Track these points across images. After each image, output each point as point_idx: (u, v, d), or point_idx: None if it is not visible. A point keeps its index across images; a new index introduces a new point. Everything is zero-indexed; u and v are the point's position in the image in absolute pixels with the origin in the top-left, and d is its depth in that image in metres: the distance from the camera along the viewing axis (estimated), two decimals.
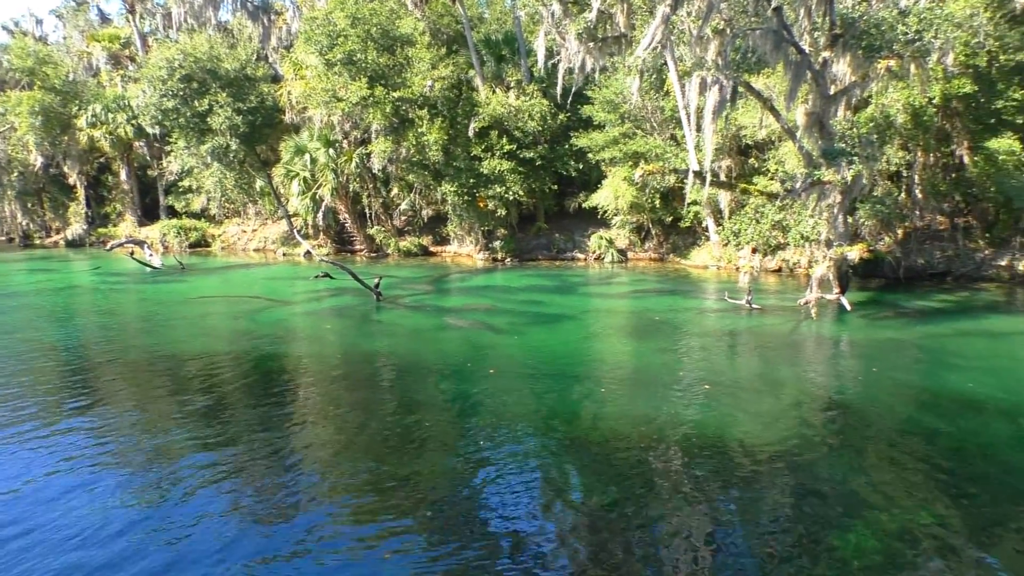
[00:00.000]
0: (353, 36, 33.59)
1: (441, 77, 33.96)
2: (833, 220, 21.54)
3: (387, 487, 8.88)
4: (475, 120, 33.99)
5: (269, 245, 43.27)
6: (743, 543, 7.57)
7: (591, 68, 23.71)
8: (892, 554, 7.28)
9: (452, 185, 34.32)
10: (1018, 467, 9.63)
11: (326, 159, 36.38)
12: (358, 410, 12.20)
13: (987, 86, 26.12)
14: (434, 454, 10.10)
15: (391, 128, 34.16)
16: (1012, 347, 17.17)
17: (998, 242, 27.90)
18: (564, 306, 22.95)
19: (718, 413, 11.90)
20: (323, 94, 34.38)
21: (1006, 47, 25.96)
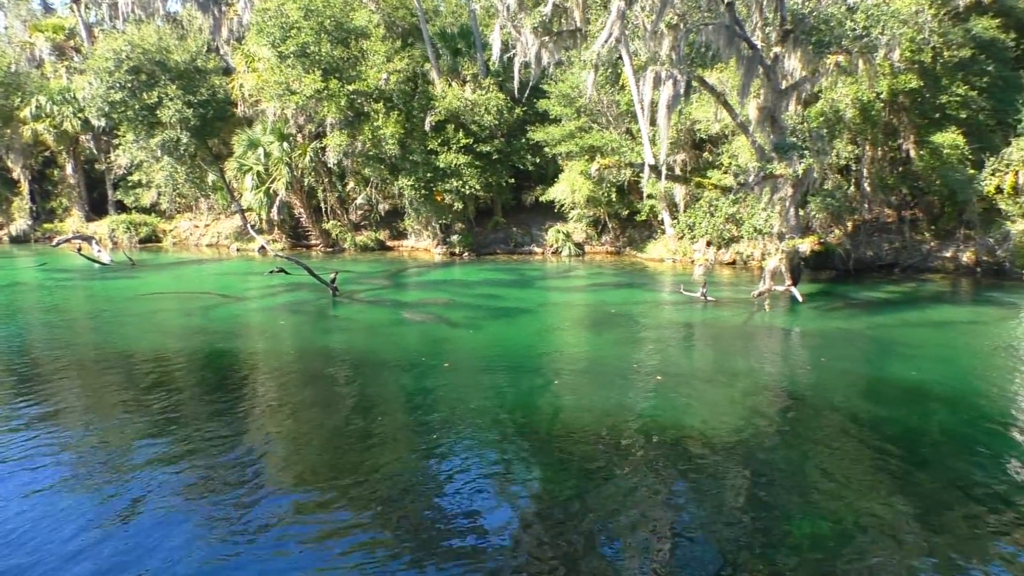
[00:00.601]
0: (306, 28, 33.14)
1: (397, 70, 33.69)
2: (785, 213, 21.92)
3: (344, 482, 8.82)
4: (431, 114, 33.82)
5: (222, 240, 42.56)
6: (700, 532, 7.68)
7: (547, 62, 23.75)
8: (845, 539, 7.45)
9: (409, 179, 34.12)
10: (960, 452, 9.93)
11: (280, 153, 35.90)
12: (314, 406, 12.09)
13: (932, 82, 26.79)
14: (392, 449, 10.05)
15: (346, 122, 33.82)
16: (954, 336, 17.66)
17: (943, 234, 28.66)
18: (522, 300, 23.00)
19: (674, 404, 12.05)
20: (276, 87, 33.87)
21: (950, 43, 26.66)
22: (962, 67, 27.34)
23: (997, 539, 7.51)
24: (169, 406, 11.96)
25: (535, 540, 7.54)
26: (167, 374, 14.02)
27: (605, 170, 26.29)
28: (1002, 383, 13.45)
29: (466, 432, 10.66)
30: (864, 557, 7.14)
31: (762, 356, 16.34)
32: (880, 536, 7.51)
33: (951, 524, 7.84)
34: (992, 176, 27.83)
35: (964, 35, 27.42)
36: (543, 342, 17.49)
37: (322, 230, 38.70)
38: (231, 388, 13.46)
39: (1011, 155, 27.91)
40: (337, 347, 16.92)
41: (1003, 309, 20.89)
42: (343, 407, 12.03)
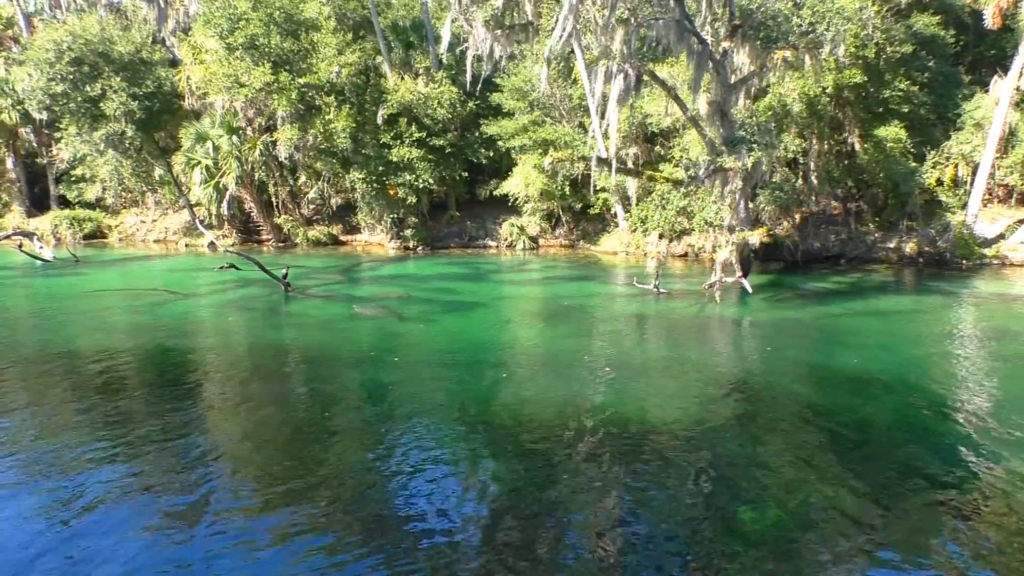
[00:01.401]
0: (255, 20, 32.59)
1: (348, 63, 33.34)
2: (735, 206, 22.26)
3: (298, 481, 8.73)
4: (384, 107, 33.55)
5: (170, 236, 41.67)
6: (654, 522, 7.78)
7: (499, 56, 23.72)
8: (798, 525, 7.62)
9: (361, 173, 33.83)
10: (904, 437, 10.24)
11: (229, 147, 35.23)
12: (267, 404, 11.94)
13: (875, 77, 27.46)
14: (348, 446, 9.98)
15: (297, 115, 33.37)
16: (898, 325, 18.17)
17: (887, 225, 29.43)
18: (476, 293, 23.00)
19: (628, 395, 12.19)
20: (225, 79, 33.24)
21: (892, 40, 27.33)
22: (904, 63, 28.08)
23: (945, 519, 7.75)
24: (117, 406, 11.70)
25: (494, 532, 7.57)
26: (115, 373, 13.71)
27: (558, 164, 26.49)
28: (943, 369, 13.88)
29: (423, 427, 10.64)
30: (817, 541, 7.31)
31: (714, 347, 16.61)
32: (832, 520, 7.70)
33: (900, 506, 8.07)
34: (933, 169, 28.69)
35: (906, 32, 28.15)
36: (498, 335, 17.52)
37: (273, 225, 38.16)
38: (181, 387, 13.22)
39: (951, 149, 28.80)
40: (290, 343, 16.73)
41: (944, 297, 21.55)
42: (297, 404, 11.90)
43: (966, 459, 9.36)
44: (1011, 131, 28.03)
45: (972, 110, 28.96)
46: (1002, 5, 26.49)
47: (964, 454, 9.53)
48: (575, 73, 31.20)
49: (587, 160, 26.29)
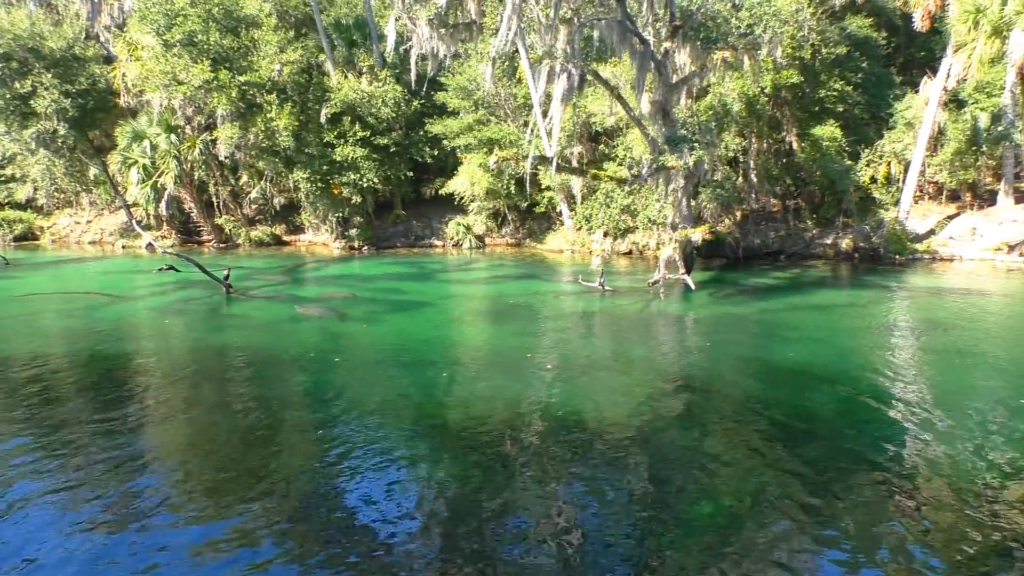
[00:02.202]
0: (193, 16, 31.92)
1: (290, 61, 32.87)
2: (678, 204, 22.62)
3: (241, 486, 8.58)
4: (327, 106, 33.19)
5: (107, 237, 40.54)
6: (604, 518, 7.86)
7: (444, 55, 23.67)
8: (742, 516, 7.78)
9: (304, 172, 33.40)
10: (843, 427, 10.52)
11: (168, 145, 34.45)
12: (208, 408, 11.71)
13: (812, 77, 28.19)
14: (292, 449, 9.85)
15: (238, 113, 32.78)
16: (835, 318, 18.67)
17: (824, 222, 30.24)
18: (423, 293, 22.92)
19: (575, 392, 12.28)
20: (162, 77, 32.48)
21: (827, 41, 28.09)
22: (839, 63, 28.90)
23: (884, 503, 7.99)
24: (50, 414, 11.33)
25: (444, 534, 7.54)
26: (47, 380, 13.28)
27: (504, 163, 26.47)
28: (878, 360, 14.30)
29: (369, 428, 10.55)
30: (765, 530, 7.48)
31: (658, 343, 16.85)
32: (778, 509, 7.89)
33: (842, 492, 8.29)
34: (867, 167, 29.60)
35: (840, 33, 28.98)
36: (445, 335, 17.49)
37: (214, 225, 37.43)
38: (118, 392, 12.87)
39: (884, 147, 29.74)
40: (232, 345, 16.41)
41: (878, 291, 22.22)
42: (240, 407, 11.69)
43: (902, 446, 9.69)
44: (940, 130, 29.05)
45: (903, 110, 29.93)
46: (930, 8, 27.44)
47: (900, 441, 9.86)
48: (520, 72, 31.34)
49: (531, 159, 26.42)
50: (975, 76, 26.62)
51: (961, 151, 28.71)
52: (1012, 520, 7.53)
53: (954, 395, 11.97)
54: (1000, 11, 23.94)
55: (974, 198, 30.61)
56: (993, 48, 24.66)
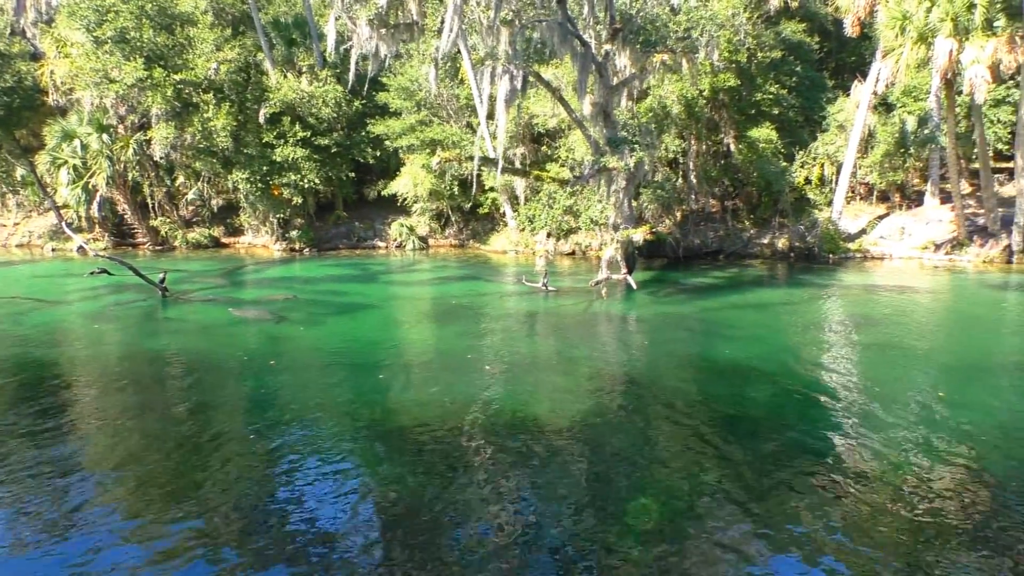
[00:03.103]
0: (125, 12, 31.08)
1: (227, 60, 32.23)
2: (619, 205, 22.86)
3: (178, 496, 8.37)
4: (266, 105, 32.65)
5: (35, 240, 39.12)
6: (548, 518, 7.90)
7: (385, 55, 23.49)
8: (684, 511, 7.91)
9: (243, 173, 32.78)
10: (780, 422, 10.80)
11: (99, 145, 33.41)
12: (142, 415, 11.38)
13: (748, 80, 28.81)
14: (231, 455, 9.65)
15: (173, 113, 31.98)
16: (771, 316, 19.13)
17: (761, 222, 30.94)
18: (366, 295, 22.72)
19: (518, 393, 12.33)
20: (93, 74, 31.48)
21: (762, 45, 28.75)
22: (774, 67, 29.60)
23: (820, 495, 8.22)
24: None
25: (387, 538, 7.49)
26: None
27: (447, 164, 26.45)
28: (812, 356, 14.71)
29: (311, 433, 10.42)
30: (705, 524, 7.62)
31: (601, 342, 17.02)
32: (716, 503, 8.05)
33: (778, 486, 8.52)
34: (801, 168, 30.40)
35: (775, 38, 29.70)
36: (388, 336, 17.37)
37: (149, 227, 36.41)
38: (47, 400, 12.42)
39: (817, 149, 30.58)
40: (167, 350, 16.01)
41: (812, 289, 22.83)
42: (175, 413, 11.42)
43: (837, 438, 9.98)
44: (870, 133, 29.98)
45: (835, 113, 30.84)
46: (860, 15, 28.28)
47: (835, 434, 10.16)
48: (462, 73, 31.30)
49: (475, 160, 26.42)
50: (902, 81, 27.54)
51: (890, 153, 29.68)
52: (940, 506, 7.84)
53: (885, 388, 12.38)
54: (925, 18, 24.80)
55: (903, 199, 31.67)
56: (919, 54, 25.53)
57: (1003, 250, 26.79)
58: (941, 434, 9.95)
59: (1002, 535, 7.32)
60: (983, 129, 27.31)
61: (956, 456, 9.22)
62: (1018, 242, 26.49)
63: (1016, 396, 12.07)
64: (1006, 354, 15.16)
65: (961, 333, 17.58)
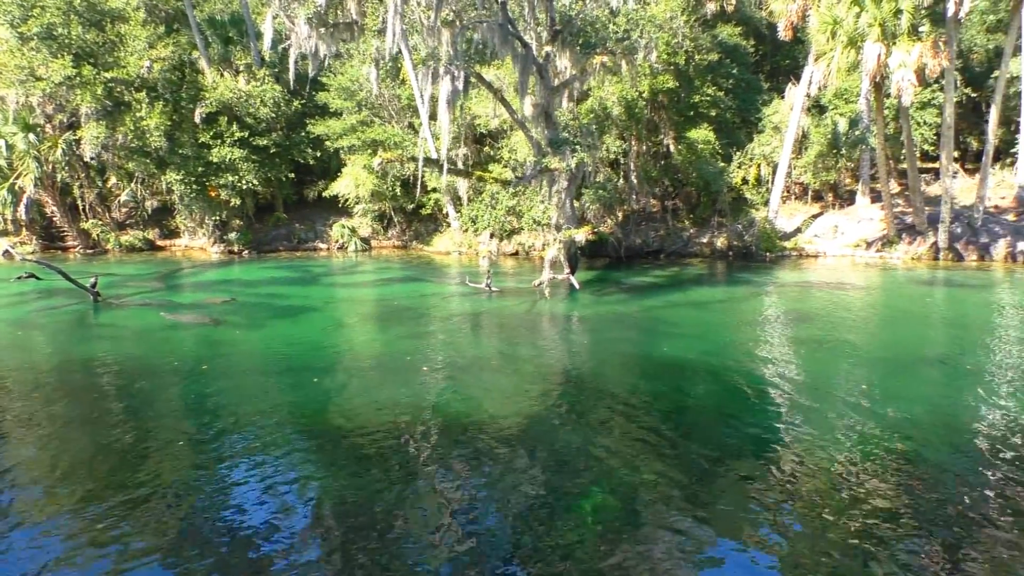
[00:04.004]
0: (52, 7, 30.09)
1: (161, 58, 31.44)
2: (562, 205, 23.02)
3: (114, 505, 8.11)
4: (201, 105, 31.94)
5: None
6: (495, 517, 7.91)
7: (324, 54, 23.21)
8: (630, 508, 7.99)
9: (178, 174, 32.01)
10: (720, 418, 11.02)
11: (26, 146, 32.19)
12: (75, 423, 11.01)
13: (686, 82, 29.29)
14: (170, 463, 9.39)
15: (104, 112, 31.06)
16: (711, 314, 19.49)
17: (700, 222, 31.50)
18: (307, 297, 22.40)
19: (462, 394, 12.31)
20: (17, 71, 30.35)
21: (700, 48, 29.26)
22: (711, 69, 30.17)
23: (759, 490, 8.39)
24: None
25: (332, 545, 7.36)
26: None
27: (388, 164, 26.31)
28: (751, 353, 15.01)
29: (251, 438, 10.21)
30: (648, 523, 7.71)
31: (544, 342, 17.10)
32: (660, 501, 8.15)
33: (719, 482, 8.68)
34: (739, 169, 31.06)
35: (712, 41, 30.26)
36: (329, 339, 17.15)
37: (80, 230, 35.22)
38: None
39: (754, 150, 31.27)
40: (101, 356, 15.50)
41: (751, 287, 23.34)
42: (111, 421, 11.07)
43: (775, 432, 10.23)
44: (804, 134, 30.78)
45: (771, 114, 31.58)
46: (792, 19, 29.00)
47: (774, 428, 10.42)
48: (403, 73, 31.12)
49: (417, 160, 26.31)
50: (834, 84, 28.33)
51: (823, 154, 30.52)
52: (875, 493, 8.09)
53: (821, 382, 12.74)
54: (855, 23, 25.56)
55: (835, 198, 32.60)
56: (849, 58, 26.29)
57: (930, 247, 27.81)
58: (874, 425, 10.28)
59: (934, 519, 7.61)
60: (910, 131, 28.29)
61: (889, 446, 9.52)
62: (944, 240, 27.55)
63: (942, 388, 12.55)
64: (933, 347, 15.75)
65: (891, 328, 18.19)
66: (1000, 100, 27.98)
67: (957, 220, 28.21)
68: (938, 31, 26.22)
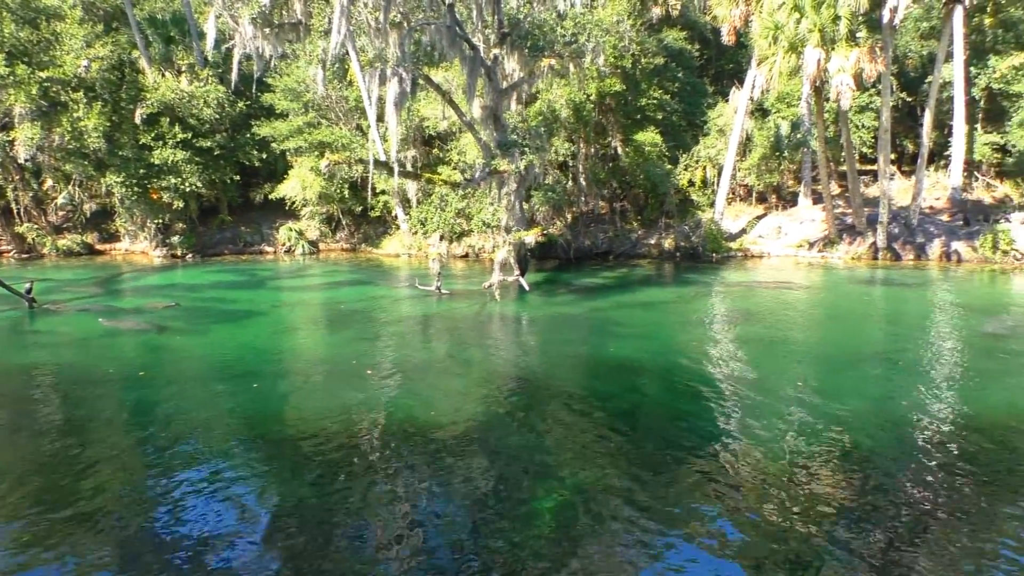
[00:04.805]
0: None
1: (99, 57, 30.59)
2: (511, 207, 23.07)
3: (53, 516, 7.87)
4: (142, 105, 31.17)
5: None
6: (445, 522, 7.87)
7: (270, 55, 22.85)
8: (583, 507, 8.02)
9: (119, 176, 31.17)
10: (668, 416, 11.17)
11: None
12: (13, 432, 10.64)
13: (633, 85, 29.63)
14: (113, 473, 9.13)
15: (39, 112, 30.07)
16: (659, 314, 19.73)
17: (648, 223, 31.88)
18: (253, 301, 22.01)
19: (412, 397, 12.22)
20: None
21: (646, 52, 29.63)
22: (657, 73, 30.57)
23: (706, 486, 8.52)
24: None
25: (283, 553, 7.24)
26: None
27: (336, 166, 26.00)
28: (698, 352, 15.24)
29: (197, 446, 10.00)
30: (600, 520, 7.77)
31: (495, 344, 17.10)
32: (613, 499, 8.21)
33: (669, 479, 8.79)
34: (685, 171, 31.53)
35: (658, 45, 30.66)
36: (276, 344, 16.88)
37: (14, 234, 34.05)
38: None
39: (700, 152, 31.78)
40: (38, 364, 15.01)
41: (697, 287, 23.71)
42: (49, 432, 10.72)
43: (722, 430, 10.40)
44: (748, 137, 31.40)
45: (716, 117, 32.13)
46: (735, 24, 29.59)
47: (720, 426, 10.59)
48: (351, 74, 30.83)
49: (366, 163, 26.08)
50: (776, 87, 28.96)
51: (766, 156, 31.18)
52: (818, 487, 8.29)
53: (765, 379, 12.99)
54: (795, 29, 26.17)
55: (779, 199, 33.32)
56: (791, 62, 26.91)
57: (869, 247, 28.60)
58: (819, 420, 10.53)
59: (878, 508, 7.85)
60: (849, 134, 29.07)
61: (833, 439, 9.76)
62: (882, 239, 28.35)
63: (883, 383, 12.92)
64: (873, 344, 16.20)
65: (833, 326, 18.65)
66: (934, 104, 28.95)
67: (894, 221, 29.06)
68: (875, 37, 27.04)
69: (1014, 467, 9.01)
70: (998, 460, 9.21)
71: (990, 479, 8.64)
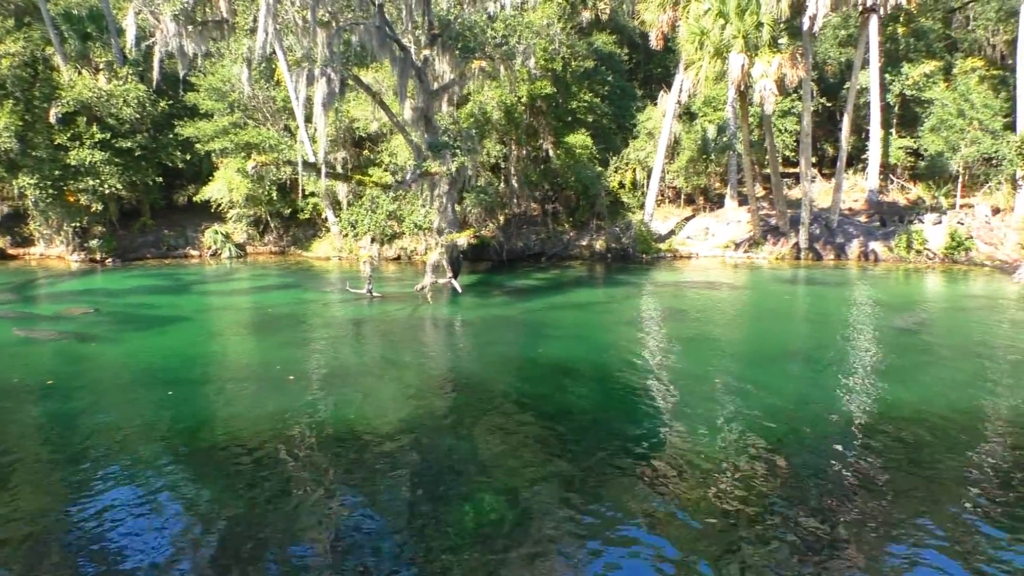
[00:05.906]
0: None
1: (10, 53, 29.27)
2: (443, 209, 22.96)
3: None
4: (57, 104, 29.93)
5: None
6: (380, 526, 7.75)
7: (193, 53, 22.21)
8: (518, 510, 8.01)
9: (32, 178, 29.84)
10: (602, 416, 11.24)
11: None
12: None
13: (564, 88, 29.85)
14: (31, 489, 8.71)
15: None
16: (591, 315, 19.92)
17: (579, 225, 32.16)
18: (177, 307, 21.36)
19: (344, 403, 12.02)
20: None
21: (576, 55, 29.89)
22: (588, 76, 30.88)
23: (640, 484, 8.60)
24: None
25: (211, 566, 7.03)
26: None
27: (264, 168, 25.45)
28: (631, 351, 15.42)
29: (119, 458, 9.60)
30: (531, 520, 7.78)
31: (427, 347, 16.99)
32: (548, 500, 8.22)
33: (602, 480, 8.84)
34: (615, 173, 31.92)
35: (588, 48, 30.98)
36: (201, 350, 16.39)
37: None
38: None
39: (629, 155, 32.22)
40: None
41: (629, 288, 24.03)
42: None
43: (653, 430, 10.55)
44: (676, 140, 31.98)
45: (645, 121, 32.63)
46: (663, 29, 30.13)
47: (651, 425, 10.74)
48: (278, 74, 30.26)
49: (294, 164, 25.60)
50: (703, 92, 29.58)
51: (694, 159, 31.82)
52: (747, 484, 8.47)
53: (695, 378, 13.24)
54: (720, 35, 26.76)
55: (706, 201, 34.02)
56: (716, 67, 27.51)
57: (792, 247, 29.45)
58: (747, 416, 10.79)
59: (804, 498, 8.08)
60: (772, 137, 29.90)
61: (757, 437, 9.98)
62: (804, 240, 29.23)
63: (806, 379, 13.34)
64: (796, 341, 16.71)
65: (758, 324, 19.14)
66: (851, 109, 30.02)
67: (816, 222, 29.99)
68: (796, 44, 27.85)
69: (917, 455, 9.39)
70: (906, 448, 9.62)
71: (897, 466, 9.09)
